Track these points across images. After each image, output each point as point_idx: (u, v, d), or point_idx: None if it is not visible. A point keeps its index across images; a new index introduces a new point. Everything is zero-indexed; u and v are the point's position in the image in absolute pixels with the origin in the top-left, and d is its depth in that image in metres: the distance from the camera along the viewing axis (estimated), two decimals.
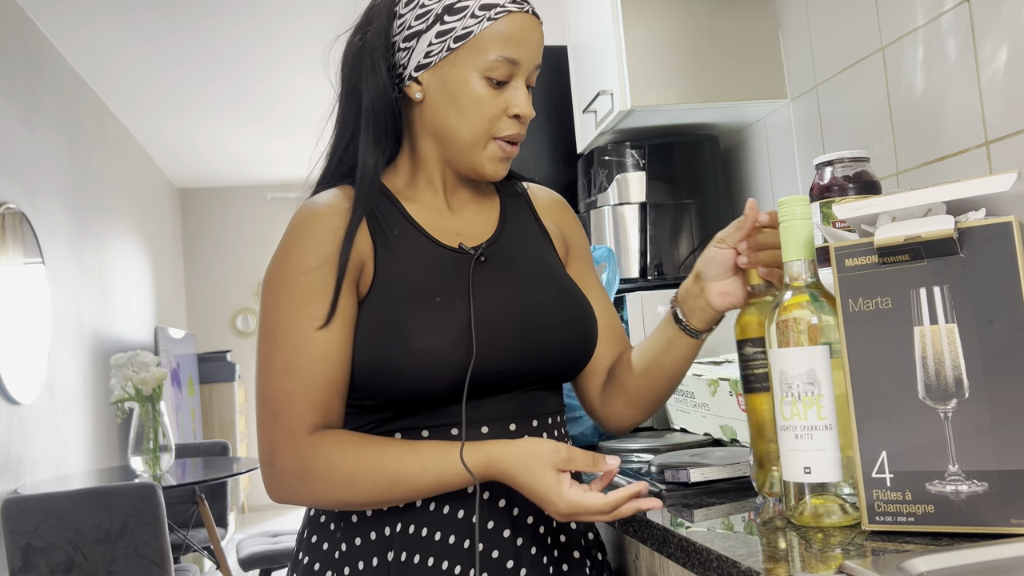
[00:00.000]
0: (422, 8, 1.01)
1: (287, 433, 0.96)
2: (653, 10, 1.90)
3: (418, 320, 0.97)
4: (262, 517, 6.96)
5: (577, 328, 1.07)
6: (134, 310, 5.27)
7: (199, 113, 5.32)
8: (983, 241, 0.78)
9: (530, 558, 1.01)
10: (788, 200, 0.93)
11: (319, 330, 0.97)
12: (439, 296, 1.00)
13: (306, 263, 0.99)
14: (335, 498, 0.95)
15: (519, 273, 1.06)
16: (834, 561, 0.76)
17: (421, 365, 0.96)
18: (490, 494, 1.01)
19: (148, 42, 4.14)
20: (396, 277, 1.01)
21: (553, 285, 1.08)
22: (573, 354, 1.07)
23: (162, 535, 2.76)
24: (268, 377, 0.98)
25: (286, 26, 4.04)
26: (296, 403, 0.96)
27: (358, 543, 1.02)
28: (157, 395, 3.29)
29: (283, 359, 0.97)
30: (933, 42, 1.42)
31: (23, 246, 3.44)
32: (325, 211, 1.02)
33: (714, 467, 1.14)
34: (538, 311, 1.04)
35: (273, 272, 1.01)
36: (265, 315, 1.00)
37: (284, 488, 0.96)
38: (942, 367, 0.80)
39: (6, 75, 3.41)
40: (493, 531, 1.01)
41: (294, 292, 0.98)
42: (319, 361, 0.96)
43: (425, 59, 1.01)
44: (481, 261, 1.04)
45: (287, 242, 1.02)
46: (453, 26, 1.00)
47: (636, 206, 1.99)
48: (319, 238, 1.00)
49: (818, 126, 1.80)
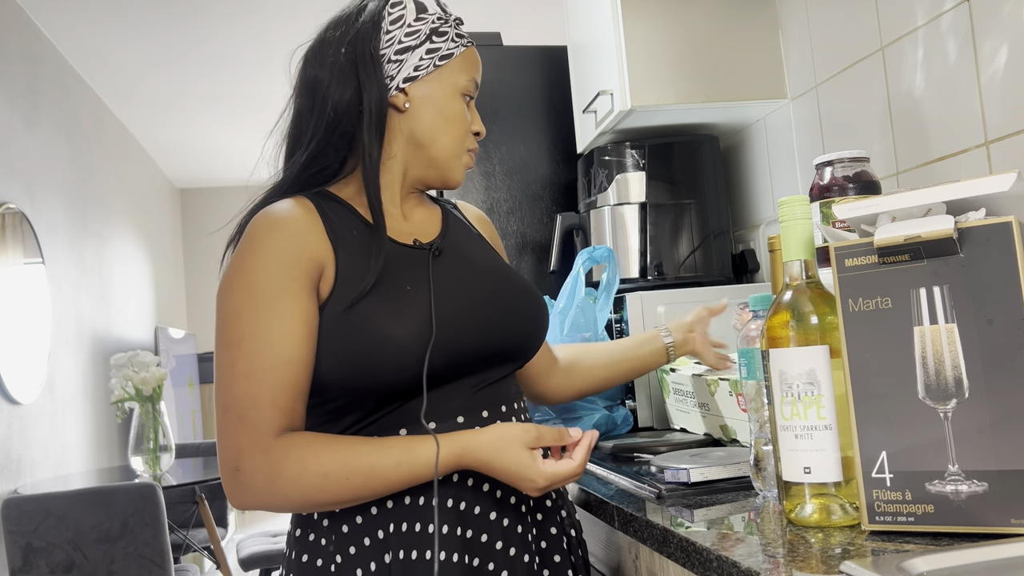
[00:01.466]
0: (410, 28, 1.11)
1: (254, 438, 0.95)
2: (653, 10, 1.90)
3: (388, 312, 1.01)
4: (262, 517, 6.96)
5: (534, 307, 1.16)
6: (134, 310, 5.27)
7: (199, 113, 5.32)
8: (983, 241, 0.78)
9: (517, 537, 1.05)
10: (788, 200, 0.94)
11: (282, 335, 0.97)
12: (408, 285, 1.04)
13: (266, 269, 1.00)
14: (303, 499, 0.96)
15: (472, 264, 1.14)
16: (834, 561, 0.76)
17: (394, 353, 0.99)
18: (474, 480, 1.04)
19: (148, 42, 4.14)
20: (360, 275, 1.03)
21: (503, 271, 1.16)
22: (533, 331, 1.15)
23: (162, 535, 2.76)
24: (231, 382, 0.97)
25: (286, 26, 4.04)
26: (262, 407, 0.96)
27: (353, 552, 1.02)
28: (157, 395, 3.29)
29: (246, 364, 0.97)
30: (933, 42, 1.42)
31: (23, 246, 3.44)
32: (283, 219, 1.04)
33: (714, 467, 1.14)
34: (498, 294, 1.12)
35: (231, 279, 1.01)
36: (226, 322, 1.00)
37: (251, 493, 0.96)
38: (942, 367, 0.80)
39: (6, 75, 3.41)
40: (480, 516, 1.03)
41: (256, 298, 0.99)
42: (284, 366, 0.97)
43: (414, 72, 1.11)
44: (436, 255, 1.11)
45: (245, 249, 1.02)
46: (439, 46, 1.12)
47: (636, 206, 1.99)
48: (279, 243, 1.01)
49: (818, 126, 1.80)
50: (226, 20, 3.95)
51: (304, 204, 1.07)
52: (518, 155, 2.33)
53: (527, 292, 1.16)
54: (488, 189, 2.31)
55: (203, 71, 4.59)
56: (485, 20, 4.04)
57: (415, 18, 1.11)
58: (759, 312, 1.12)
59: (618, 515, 1.10)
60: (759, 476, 1.06)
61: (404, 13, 1.11)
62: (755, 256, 2.05)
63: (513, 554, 1.03)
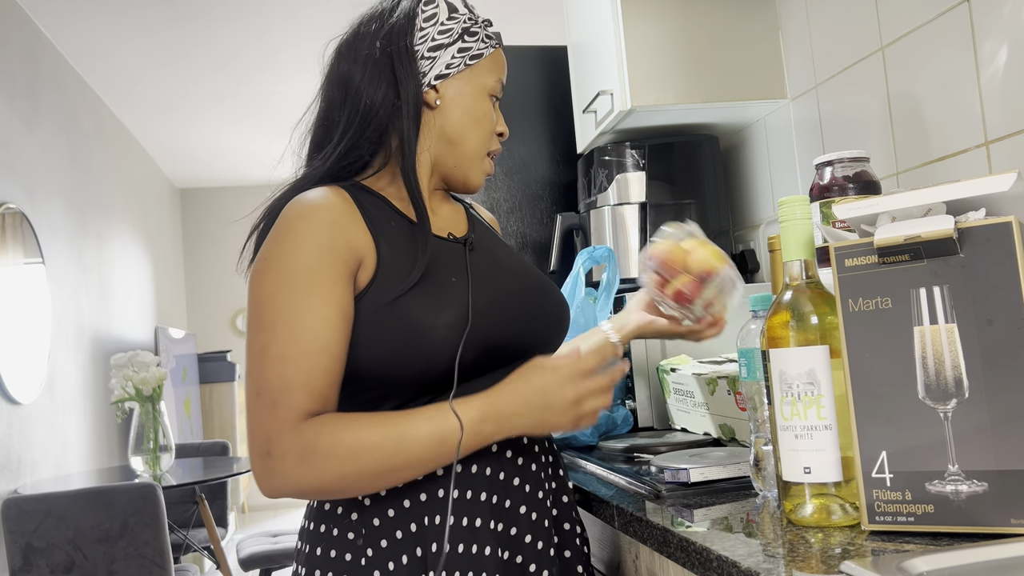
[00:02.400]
0: (443, 26, 1.13)
1: (285, 420, 0.94)
2: (653, 10, 1.90)
3: (431, 304, 1.01)
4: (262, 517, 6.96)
5: (558, 303, 1.18)
6: (134, 310, 5.27)
7: (199, 113, 5.32)
8: (983, 241, 0.78)
9: (544, 531, 1.07)
10: (788, 200, 0.94)
11: (318, 322, 0.97)
12: (453, 277, 1.05)
13: (304, 254, 0.99)
14: (337, 476, 0.94)
15: (500, 259, 1.16)
16: (834, 561, 0.76)
17: (434, 344, 0.99)
18: (505, 475, 1.06)
19: (148, 42, 4.14)
20: (403, 265, 1.03)
21: (528, 268, 1.19)
22: (558, 326, 1.17)
23: (162, 535, 2.76)
24: (264, 366, 0.96)
25: (286, 26, 4.04)
26: (294, 392, 0.95)
27: (384, 545, 1.01)
28: (157, 395, 3.29)
29: (280, 348, 0.96)
30: (933, 42, 1.42)
31: (23, 246, 3.44)
32: (321, 205, 1.03)
33: (714, 467, 1.14)
34: (527, 289, 1.14)
35: (267, 262, 1.01)
36: (260, 305, 0.99)
37: (283, 477, 0.94)
38: (942, 367, 0.80)
39: (6, 75, 3.41)
40: (511, 510, 1.05)
41: (292, 283, 0.98)
42: (319, 352, 0.96)
43: (446, 70, 1.12)
44: (471, 249, 1.12)
45: (281, 234, 1.02)
46: (471, 46, 1.13)
47: (636, 206, 1.99)
48: (316, 229, 1.01)
49: (818, 126, 1.80)
50: (227, 20, 3.95)
51: (340, 194, 1.07)
52: (518, 155, 2.33)
53: (551, 289, 1.18)
54: (488, 189, 2.31)
55: (203, 71, 4.59)
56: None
57: (448, 17, 1.13)
58: (759, 312, 1.13)
59: (618, 515, 1.10)
60: (759, 476, 1.06)
61: (437, 11, 1.13)
62: (755, 256, 2.05)
63: (540, 547, 1.05)
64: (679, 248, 1.28)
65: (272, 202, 1.11)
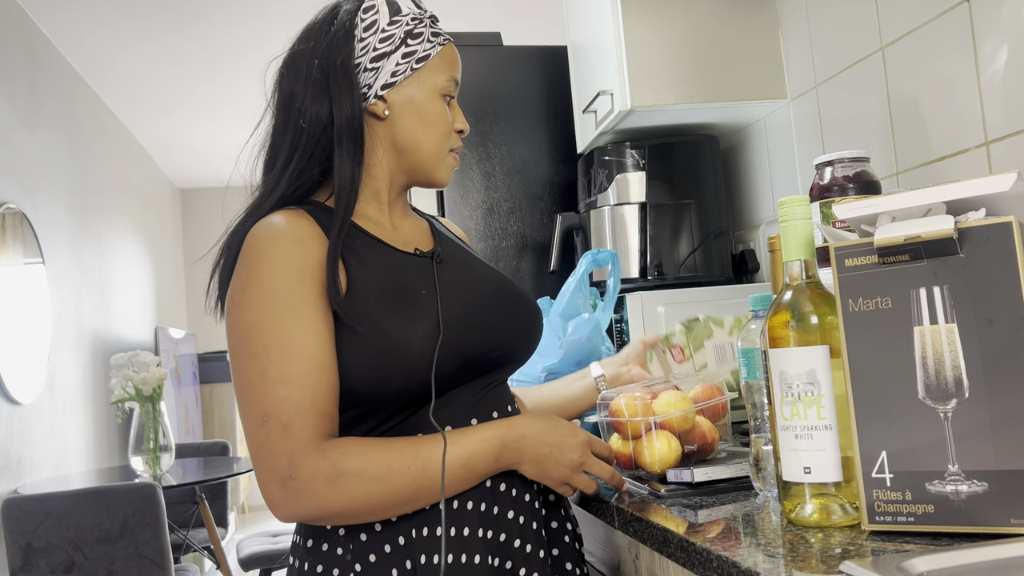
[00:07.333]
0: (384, 33, 1.09)
1: (306, 442, 0.93)
2: (653, 10, 1.90)
3: (403, 318, 1.01)
4: (262, 517, 6.96)
5: (532, 310, 1.17)
6: (134, 310, 5.27)
7: (199, 113, 5.32)
8: (983, 241, 0.78)
9: (532, 533, 1.06)
10: (788, 200, 0.94)
11: (311, 339, 0.96)
12: (423, 290, 1.04)
13: (283, 276, 0.98)
14: (366, 496, 0.94)
15: (472, 269, 1.15)
16: (834, 561, 0.76)
17: (411, 357, 0.99)
18: (491, 482, 1.05)
19: (148, 42, 4.14)
20: (374, 282, 1.03)
21: (500, 276, 1.17)
22: (532, 333, 1.16)
23: (162, 535, 2.76)
24: (264, 392, 0.95)
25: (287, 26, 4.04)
26: (305, 412, 0.94)
27: (373, 559, 1.01)
28: (157, 395, 3.29)
29: (280, 371, 0.95)
30: (933, 42, 1.42)
31: (23, 246, 3.44)
32: (287, 227, 1.02)
33: (715, 467, 1.14)
34: (500, 297, 1.13)
35: (245, 291, 0.99)
36: (248, 333, 0.97)
37: (311, 498, 0.92)
38: (942, 367, 0.80)
39: (6, 75, 3.41)
40: (499, 516, 1.05)
41: (277, 305, 0.97)
42: (319, 369, 0.96)
43: (391, 78, 1.09)
44: (439, 262, 1.11)
45: (254, 259, 1.00)
46: (415, 48, 1.10)
47: (636, 206, 1.99)
48: (288, 251, 1.00)
49: (818, 126, 1.80)
50: (227, 20, 3.95)
51: (301, 215, 1.05)
52: (518, 155, 2.33)
53: (523, 296, 1.17)
54: (488, 189, 2.31)
55: (203, 71, 4.59)
56: (485, 20, 4.04)
57: (388, 22, 1.09)
58: (759, 312, 1.13)
59: (618, 515, 1.10)
60: (759, 476, 1.06)
61: (377, 18, 1.09)
62: (755, 256, 2.05)
63: (529, 551, 1.05)
64: (635, 406, 1.19)
65: (228, 237, 1.08)
